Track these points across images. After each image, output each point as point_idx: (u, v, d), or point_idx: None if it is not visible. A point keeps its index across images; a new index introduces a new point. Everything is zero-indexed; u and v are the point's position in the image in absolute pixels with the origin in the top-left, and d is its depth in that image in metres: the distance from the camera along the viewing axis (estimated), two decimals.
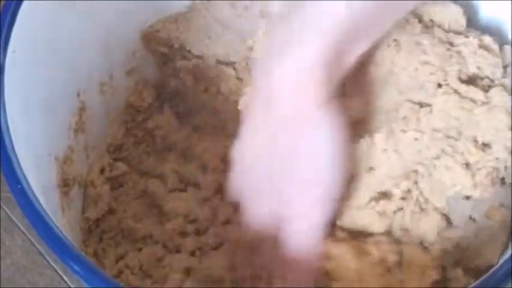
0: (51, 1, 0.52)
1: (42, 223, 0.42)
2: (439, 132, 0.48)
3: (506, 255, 0.44)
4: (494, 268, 0.42)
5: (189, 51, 0.62)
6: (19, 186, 0.43)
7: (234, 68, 0.61)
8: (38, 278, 0.65)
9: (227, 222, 0.57)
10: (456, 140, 0.48)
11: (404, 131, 0.48)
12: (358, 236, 0.48)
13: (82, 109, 0.58)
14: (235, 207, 0.54)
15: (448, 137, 0.48)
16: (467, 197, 0.48)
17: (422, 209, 0.48)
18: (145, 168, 0.62)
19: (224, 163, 0.61)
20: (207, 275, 0.53)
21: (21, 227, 0.68)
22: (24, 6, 0.49)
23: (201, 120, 0.64)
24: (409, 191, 0.48)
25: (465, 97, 0.49)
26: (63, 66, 0.54)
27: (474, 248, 0.48)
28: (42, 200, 0.44)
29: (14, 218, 0.68)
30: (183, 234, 0.56)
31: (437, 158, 0.48)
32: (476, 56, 0.51)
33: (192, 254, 0.55)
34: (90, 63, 0.58)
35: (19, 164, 0.44)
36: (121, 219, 0.58)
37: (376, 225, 0.48)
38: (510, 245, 0.47)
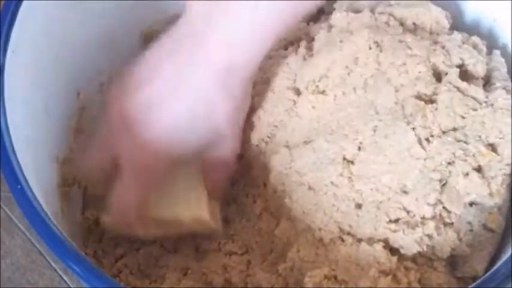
0: (51, 1, 0.52)
1: (42, 223, 0.42)
2: (448, 135, 0.48)
3: (506, 256, 0.44)
4: (494, 268, 0.43)
5: None
6: (19, 186, 0.43)
7: None
8: (38, 278, 0.65)
9: (225, 220, 0.57)
10: (465, 142, 0.48)
11: (413, 129, 0.48)
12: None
13: (82, 109, 0.58)
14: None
15: (458, 140, 0.48)
16: (472, 204, 0.47)
17: (445, 224, 0.47)
18: None
19: None
20: (204, 275, 0.53)
21: (21, 227, 0.68)
22: (24, 6, 0.49)
23: None
24: (435, 204, 0.46)
25: (467, 95, 0.49)
26: (63, 66, 0.55)
27: (463, 257, 0.48)
28: (42, 200, 0.44)
29: (14, 218, 0.68)
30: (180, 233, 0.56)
31: (452, 163, 0.47)
32: (460, 49, 0.52)
33: (189, 253, 0.55)
34: (90, 63, 0.58)
35: (19, 165, 0.44)
36: None
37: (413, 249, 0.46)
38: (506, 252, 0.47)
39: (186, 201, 0.53)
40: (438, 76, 0.51)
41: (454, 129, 0.48)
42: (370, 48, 0.51)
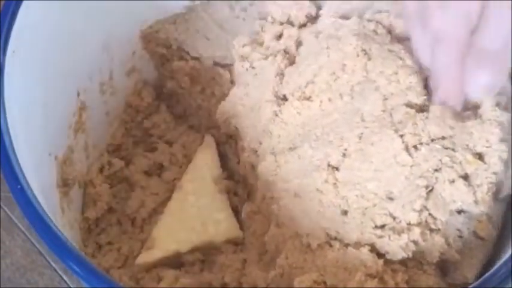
0: (51, 1, 0.52)
1: (41, 223, 0.42)
2: (436, 143, 0.48)
3: (506, 256, 0.44)
4: (494, 268, 0.43)
5: (187, 53, 0.62)
6: (19, 186, 0.43)
7: (230, 71, 0.61)
8: (38, 278, 0.65)
9: None
10: (453, 150, 0.48)
11: (403, 135, 0.48)
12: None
13: (82, 109, 0.58)
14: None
15: (445, 147, 0.48)
16: (460, 212, 0.48)
17: (431, 230, 0.47)
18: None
19: None
20: (201, 274, 0.53)
21: (21, 227, 0.68)
22: (24, 6, 0.49)
23: (195, 121, 0.64)
24: (421, 211, 0.47)
25: None
26: (63, 66, 0.55)
27: (454, 263, 0.48)
28: (42, 200, 0.44)
29: (14, 218, 0.68)
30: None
31: (438, 170, 0.47)
32: None
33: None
34: (90, 64, 0.59)
35: (19, 164, 0.44)
36: (120, 218, 0.58)
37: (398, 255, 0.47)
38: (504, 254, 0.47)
39: (217, 223, 0.54)
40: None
41: (443, 138, 0.48)
42: (357, 56, 0.51)
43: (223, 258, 0.53)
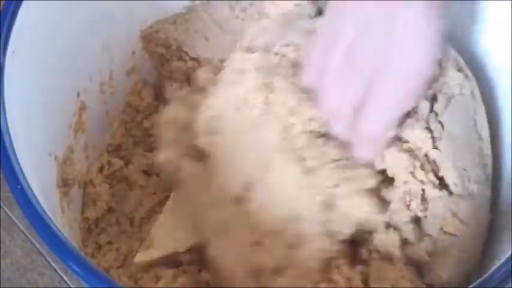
0: (51, 1, 0.52)
1: (41, 223, 0.42)
2: (337, 162, 0.49)
3: (506, 255, 0.44)
4: (494, 268, 0.43)
5: (186, 53, 0.62)
6: (19, 186, 0.43)
7: None
8: (38, 278, 0.65)
9: None
10: (353, 168, 0.49)
11: (303, 160, 0.49)
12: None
13: (82, 109, 0.58)
14: None
15: (344, 166, 0.49)
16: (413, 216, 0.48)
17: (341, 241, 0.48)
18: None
19: None
20: (199, 273, 0.53)
21: (21, 227, 0.68)
22: (24, 6, 0.49)
23: None
24: (325, 223, 0.48)
25: None
26: (63, 66, 0.55)
27: (427, 263, 0.48)
28: (41, 200, 0.44)
29: (14, 218, 0.68)
30: None
31: (338, 186, 0.48)
32: None
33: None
34: (90, 63, 0.59)
35: (19, 164, 0.44)
36: (119, 217, 0.59)
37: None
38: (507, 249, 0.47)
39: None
40: None
41: (342, 159, 0.49)
42: (258, 89, 0.51)
43: None
